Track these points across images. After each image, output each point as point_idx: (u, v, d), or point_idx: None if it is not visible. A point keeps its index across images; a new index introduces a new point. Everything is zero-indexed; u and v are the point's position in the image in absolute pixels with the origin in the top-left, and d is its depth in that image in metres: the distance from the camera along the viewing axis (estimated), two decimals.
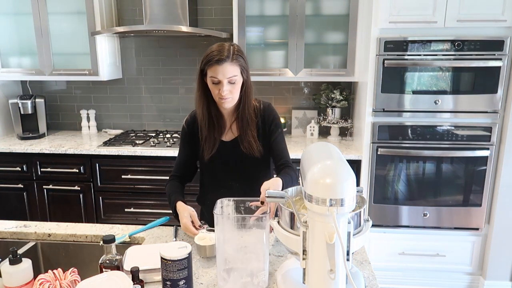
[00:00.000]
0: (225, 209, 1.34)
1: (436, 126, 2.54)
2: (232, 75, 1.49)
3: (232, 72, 1.49)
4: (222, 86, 1.50)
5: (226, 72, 1.48)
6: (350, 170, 0.94)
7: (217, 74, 1.48)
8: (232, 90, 1.52)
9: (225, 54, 1.47)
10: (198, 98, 1.61)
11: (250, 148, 1.62)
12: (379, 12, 2.42)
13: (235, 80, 1.51)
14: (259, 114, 1.66)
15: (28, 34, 2.97)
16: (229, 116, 1.66)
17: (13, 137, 3.13)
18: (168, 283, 1.10)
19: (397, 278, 2.78)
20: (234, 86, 1.52)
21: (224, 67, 1.47)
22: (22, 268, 1.14)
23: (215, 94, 1.54)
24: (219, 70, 1.48)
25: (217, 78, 1.49)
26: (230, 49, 1.50)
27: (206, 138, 1.65)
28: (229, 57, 1.48)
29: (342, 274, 0.96)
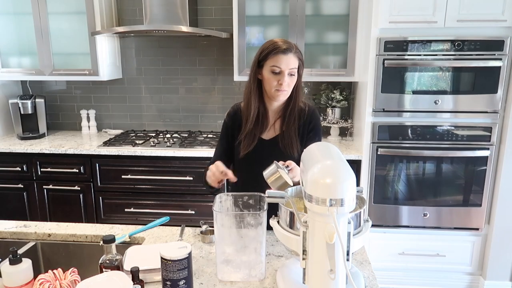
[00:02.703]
0: (223, 204, 1.36)
1: (436, 126, 2.54)
2: (293, 66, 1.52)
3: (294, 64, 1.52)
4: (283, 76, 1.52)
5: (290, 63, 1.51)
6: (350, 170, 0.94)
7: (281, 63, 1.50)
8: (289, 83, 1.55)
9: (290, 46, 1.52)
10: (252, 92, 1.59)
11: (290, 147, 1.60)
12: (379, 12, 2.42)
13: (295, 73, 1.54)
14: (303, 116, 1.66)
15: (28, 34, 2.97)
16: (273, 113, 1.66)
17: (13, 137, 3.13)
18: (168, 283, 1.10)
19: (397, 278, 2.78)
20: (292, 79, 1.55)
21: (289, 57, 1.50)
22: (22, 268, 1.14)
23: (272, 85, 1.54)
24: (284, 60, 1.50)
25: (280, 67, 1.51)
26: (290, 43, 1.54)
27: (247, 134, 1.62)
28: (293, 48, 1.52)
29: (342, 274, 0.96)
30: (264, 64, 1.54)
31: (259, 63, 1.56)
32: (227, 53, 3.09)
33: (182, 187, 2.77)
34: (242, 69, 2.84)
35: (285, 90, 1.55)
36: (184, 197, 2.79)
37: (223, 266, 1.26)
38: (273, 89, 1.55)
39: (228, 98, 3.24)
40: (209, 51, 3.18)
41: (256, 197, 1.37)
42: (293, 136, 1.61)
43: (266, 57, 1.53)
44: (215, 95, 3.26)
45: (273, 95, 1.57)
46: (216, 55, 3.18)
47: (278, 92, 1.55)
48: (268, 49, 1.53)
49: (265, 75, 1.55)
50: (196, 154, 2.70)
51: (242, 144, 1.63)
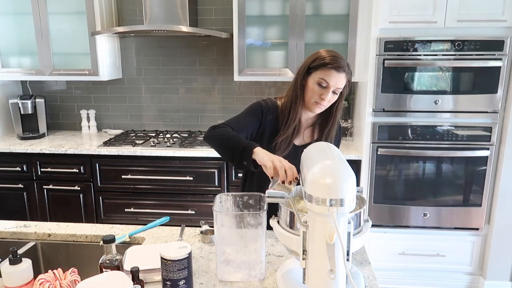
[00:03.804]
0: (223, 204, 1.36)
1: (436, 126, 2.54)
2: (341, 86, 1.51)
3: (342, 84, 1.51)
4: (327, 92, 1.50)
5: (339, 82, 1.49)
6: (350, 170, 0.95)
7: (330, 79, 1.48)
8: (330, 100, 1.53)
9: (345, 65, 1.49)
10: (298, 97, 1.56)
11: None
12: (379, 12, 2.42)
13: (339, 92, 1.53)
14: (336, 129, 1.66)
15: (28, 34, 2.97)
16: (305, 120, 1.64)
17: (13, 137, 3.13)
18: (168, 283, 1.10)
19: (397, 278, 2.78)
20: (334, 97, 1.53)
21: (341, 76, 1.48)
22: (22, 268, 1.14)
23: (314, 96, 1.52)
24: (334, 77, 1.48)
25: (328, 82, 1.49)
26: (347, 63, 1.52)
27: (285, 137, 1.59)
28: (346, 68, 1.50)
29: (342, 274, 0.96)
30: (313, 72, 1.52)
31: (308, 70, 1.54)
32: (227, 53, 3.10)
33: (182, 187, 2.77)
34: (242, 69, 2.84)
35: (324, 105, 1.54)
36: (184, 197, 2.79)
37: (223, 266, 1.26)
38: (313, 100, 1.53)
39: (228, 98, 3.24)
40: (209, 51, 3.18)
41: (256, 197, 1.37)
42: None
43: (318, 67, 1.50)
44: (215, 95, 3.26)
45: (310, 106, 1.56)
46: (216, 55, 3.18)
47: (316, 104, 1.53)
48: (323, 60, 1.50)
49: (309, 83, 1.53)
50: (196, 154, 2.70)
51: (279, 147, 1.60)
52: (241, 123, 1.63)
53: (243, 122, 1.64)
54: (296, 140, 1.65)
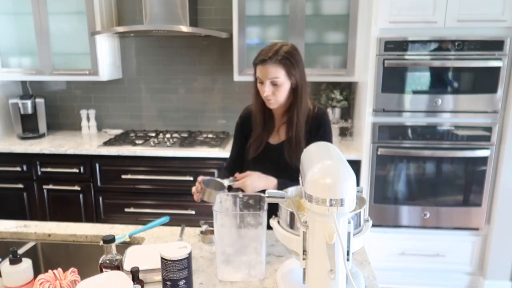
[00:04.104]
0: (223, 204, 1.36)
1: (436, 126, 2.54)
2: (273, 76, 1.46)
3: (274, 74, 1.46)
4: (264, 86, 1.49)
5: (268, 73, 1.47)
6: (350, 170, 0.95)
7: (261, 74, 1.49)
8: (275, 92, 1.49)
9: (269, 55, 1.46)
10: (254, 94, 1.58)
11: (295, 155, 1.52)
12: (379, 12, 2.42)
13: (278, 82, 1.47)
14: (309, 122, 1.57)
15: (28, 34, 2.97)
16: (279, 118, 1.62)
17: (13, 137, 3.13)
18: (168, 283, 1.10)
19: (397, 278, 2.78)
20: (278, 88, 1.48)
21: (266, 67, 1.46)
22: (22, 268, 1.14)
23: (261, 93, 1.52)
24: (262, 71, 1.48)
25: (260, 78, 1.50)
26: (278, 50, 1.47)
27: (256, 137, 1.61)
28: (272, 58, 1.46)
29: (342, 274, 0.96)
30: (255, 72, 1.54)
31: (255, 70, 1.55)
32: (227, 53, 3.09)
33: (182, 187, 2.77)
34: (242, 69, 2.84)
35: (270, 99, 1.50)
36: (184, 197, 2.78)
37: (223, 266, 1.26)
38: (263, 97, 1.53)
39: (228, 98, 3.24)
40: (209, 51, 3.18)
41: (256, 197, 1.37)
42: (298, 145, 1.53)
43: (254, 66, 1.53)
44: (215, 95, 3.26)
45: (266, 102, 1.54)
46: (216, 55, 3.18)
47: (266, 101, 1.53)
48: (254, 60, 1.52)
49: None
50: (196, 154, 2.70)
51: (252, 147, 1.62)
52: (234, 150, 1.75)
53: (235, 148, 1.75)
54: (272, 138, 1.63)
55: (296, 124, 1.54)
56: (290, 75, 1.48)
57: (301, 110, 1.53)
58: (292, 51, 1.49)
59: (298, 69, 1.49)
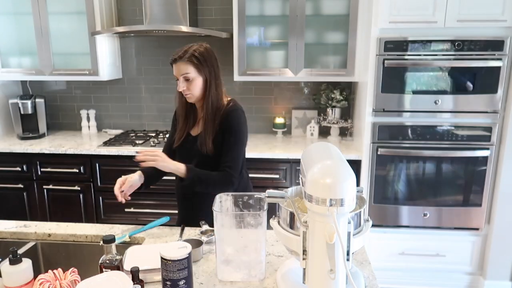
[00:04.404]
0: (223, 204, 1.36)
1: (436, 126, 2.54)
2: (184, 72, 1.64)
3: (184, 70, 1.64)
4: (179, 82, 1.67)
5: (179, 70, 1.65)
6: (350, 170, 0.94)
7: (174, 71, 1.67)
8: (189, 87, 1.66)
9: (178, 55, 1.65)
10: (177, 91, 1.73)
11: (204, 145, 1.69)
12: (379, 12, 2.42)
13: (190, 78, 1.65)
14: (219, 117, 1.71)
15: (28, 34, 2.97)
16: (200, 111, 1.78)
17: (13, 137, 3.13)
18: (168, 283, 1.10)
19: (397, 278, 2.78)
20: (191, 83, 1.66)
21: (177, 66, 1.65)
22: (22, 268, 1.14)
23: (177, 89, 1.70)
24: (175, 68, 1.67)
25: (175, 75, 1.68)
26: (188, 50, 1.65)
27: (179, 128, 1.78)
28: (182, 57, 1.64)
29: (342, 274, 0.96)
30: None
31: None
32: (227, 53, 3.09)
33: None
34: (242, 69, 2.84)
35: (186, 93, 1.68)
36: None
37: (223, 266, 1.26)
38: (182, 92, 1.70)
39: None
40: None
41: (256, 197, 1.37)
42: (207, 135, 1.69)
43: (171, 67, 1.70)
44: None
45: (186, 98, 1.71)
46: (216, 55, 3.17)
47: (185, 95, 1.70)
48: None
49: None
50: None
51: (176, 137, 1.79)
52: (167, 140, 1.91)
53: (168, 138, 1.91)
54: (193, 130, 1.78)
55: (204, 116, 1.71)
56: (200, 72, 1.66)
57: (209, 104, 1.69)
58: (202, 51, 1.67)
59: (207, 67, 1.67)
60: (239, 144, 1.71)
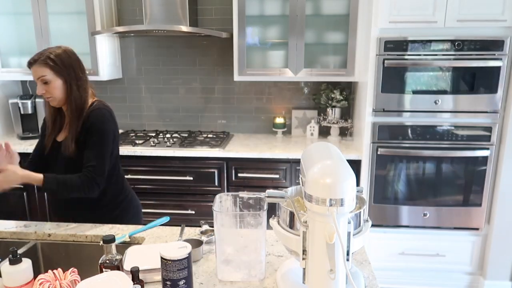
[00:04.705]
0: (223, 204, 1.36)
1: (436, 126, 2.54)
2: (40, 75, 1.63)
3: (40, 73, 1.62)
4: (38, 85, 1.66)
5: (37, 72, 1.63)
6: (350, 170, 0.95)
7: (32, 75, 1.65)
8: (48, 90, 1.65)
9: (35, 58, 1.63)
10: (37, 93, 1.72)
11: (67, 148, 1.68)
12: (379, 12, 2.42)
13: (47, 80, 1.63)
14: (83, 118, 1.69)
15: (28, 34, 2.97)
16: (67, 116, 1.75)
17: (13, 137, 3.13)
18: (168, 283, 1.10)
19: (397, 278, 2.78)
20: (49, 86, 1.64)
21: (33, 69, 1.64)
22: (22, 268, 1.14)
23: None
24: (32, 72, 1.65)
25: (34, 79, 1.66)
26: (43, 53, 1.64)
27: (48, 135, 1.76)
28: (37, 60, 1.62)
29: (342, 274, 0.96)
30: None
31: None
32: (227, 53, 3.10)
33: (182, 187, 2.77)
34: (242, 69, 2.84)
35: (48, 97, 1.66)
36: (184, 197, 2.79)
37: (223, 266, 1.26)
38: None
39: (228, 98, 3.24)
40: (209, 51, 3.18)
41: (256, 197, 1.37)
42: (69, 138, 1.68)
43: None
44: (215, 95, 3.26)
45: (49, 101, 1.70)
46: (216, 55, 3.18)
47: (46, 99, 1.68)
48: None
49: None
50: (196, 154, 2.70)
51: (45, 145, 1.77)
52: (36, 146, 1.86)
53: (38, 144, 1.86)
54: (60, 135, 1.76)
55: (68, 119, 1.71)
56: (57, 74, 1.64)
57: (72, 105, 1.68)
58: (59, 53, 1.65)
59: (65, 68, 1.65)
60: (103, 143, 1.68)
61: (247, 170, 2.72)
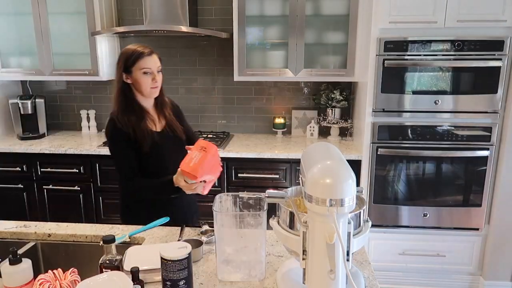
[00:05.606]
0: (223, 204, 1.36)
1: (436, 126, 2.54)
2: (159, 64, 1.75)
3: (158, 63, 1.75)
4: (154, 75, 1.72)
5: (155, 63, 1.73)
6: (350, 170, 0.95)
7: (150, 64, 1.70)
8: (159, 80, 1.76)
9: (149, 48, 1.72)
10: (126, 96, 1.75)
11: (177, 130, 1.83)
12: (379, 12, 2.42)
13: (161, 69, 1.76)
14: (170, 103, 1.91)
15: (28, 34, 2.97)
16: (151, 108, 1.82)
17: (13, 137, 3.13)
18: (168, 283, 1.10)
19: (397, 278, 2.78)
20: (160, 75, 1.75)
21: (154, 58, 1.73)
22: (22, 268, 1.14)
23: (147, 84, 1.71)
24: (150, 61, 1.70)
25: (150, 68, 1.70)
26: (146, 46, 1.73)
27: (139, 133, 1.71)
28: (153, 51, 1.74)
29: (342, 274, 0.96)
30: (133, 69, 1.70)
31: (127, 69, 1.71)
32: (227, 53, 3.09)
33: None
34: (242, 69, 2.84)
35: (158, 86, 1.76)
36: None
37: (223, 266, 1.26)
38: (148, 88, 1.72)
39: (228, 98, 3.24)
40: (209, 51, 3.18)
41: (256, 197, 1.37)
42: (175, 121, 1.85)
43: (134, 62, 1.69)
44: (215, 95, 3.26)
45: (149, 93, 1.74)
46: (216, 55, 3.18)
47: (153, 89, 1.74)
48: (134, 55, 1.70)
49: (136, 78, 1.71)
50: None
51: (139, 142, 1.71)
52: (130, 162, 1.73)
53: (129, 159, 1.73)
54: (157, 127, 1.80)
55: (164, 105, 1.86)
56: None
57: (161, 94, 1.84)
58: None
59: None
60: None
61: (247, 170, 2.72)
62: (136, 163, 1.73)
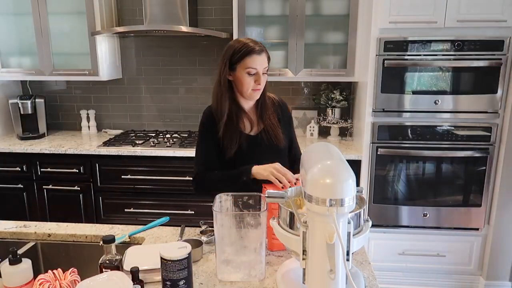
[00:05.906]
0: (223, 204, 1.36)
1: (436, 126, 2.54)
2: (266, 66, 1.57)
3: (266, 63, 1.57)
4: (259, 77, 1.55)
5: (263, 63, 1.55)
6: (350, 170, 0.94)
7: (256, 64, 1.53)
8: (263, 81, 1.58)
9: (261, 45, 1.54)
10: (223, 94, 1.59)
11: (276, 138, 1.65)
12: (379, 12, 2.42)
13: (266, 72, 1.59)
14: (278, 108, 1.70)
15: (28, 34, 2.97)
16: (251, 110, 1.68)
17: (13, 137, 3.13)
18: (168, 283, 1.10)
19: (397, 278, 2.78)
20: (265, 77, 1.58)
21: (263, 57, 1.54)
22: (22, 268, 1.14)
23: (249, 85, 1.56)
24: (259, 61, 1.53)
25: (256, 68, 1.53)
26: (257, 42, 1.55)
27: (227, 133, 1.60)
28: (264, 48, 1.55)
29: (342, 274, 0.96)
30: (237, 66, 1.55)
31: (231, 65, 1.56)
32: None
33: (182, 187, 2.77)
34: None
35: (261, 89, 1.59)
36: (183, 197, 2.79)
37: (223, 266, 1.26)
38: (249, 89, 1.57)
39: None
40: (209, 51, 3.18)
41: (256, 197, 1.37)
42: (276, 127, 1.66)
43: (240, 59, 1.53)
44: None
45: (250, 95, 1.59)
46: (216, 55, 3.18)
47: (254, 91, 1.58)
48: (241, 51, 1.52)
49: (239, 76, 1.56)
50: None
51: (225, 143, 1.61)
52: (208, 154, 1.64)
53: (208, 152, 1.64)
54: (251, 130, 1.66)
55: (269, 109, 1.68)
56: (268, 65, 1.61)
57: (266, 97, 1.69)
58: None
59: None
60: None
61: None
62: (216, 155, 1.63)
